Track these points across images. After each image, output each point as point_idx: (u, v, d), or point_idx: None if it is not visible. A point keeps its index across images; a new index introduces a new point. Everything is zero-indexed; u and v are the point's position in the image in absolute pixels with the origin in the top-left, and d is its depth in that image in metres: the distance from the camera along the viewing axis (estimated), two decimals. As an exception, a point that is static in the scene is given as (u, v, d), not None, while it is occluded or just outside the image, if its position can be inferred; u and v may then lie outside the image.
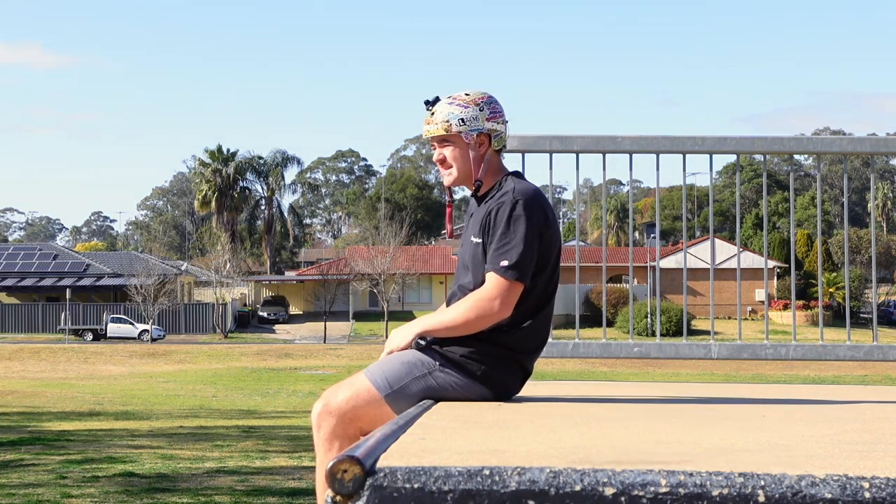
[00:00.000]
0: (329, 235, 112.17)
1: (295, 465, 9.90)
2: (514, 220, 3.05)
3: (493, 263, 3.05)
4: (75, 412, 19.46)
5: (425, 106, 3.22)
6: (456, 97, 3.20)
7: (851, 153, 4.96)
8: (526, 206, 3.06)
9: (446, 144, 3.20)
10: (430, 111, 3.21)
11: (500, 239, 3.05)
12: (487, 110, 3.19)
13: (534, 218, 3.06)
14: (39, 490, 7.91)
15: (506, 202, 3.08)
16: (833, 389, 4.57)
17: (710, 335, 4.82)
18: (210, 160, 77.07)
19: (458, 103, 3.18)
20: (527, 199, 3.08)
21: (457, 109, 3.17)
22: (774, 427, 2.48)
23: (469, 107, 3.17)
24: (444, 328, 3.07)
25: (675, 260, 56.09)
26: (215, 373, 35.66)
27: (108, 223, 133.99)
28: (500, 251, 3.04)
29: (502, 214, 3.06)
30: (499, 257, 3.04)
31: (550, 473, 1.62)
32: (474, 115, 3.17)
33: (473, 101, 3.19)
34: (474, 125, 3.17)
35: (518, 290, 3.04)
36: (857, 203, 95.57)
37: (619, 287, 56.44)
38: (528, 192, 3.11)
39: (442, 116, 3.17)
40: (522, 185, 3.15)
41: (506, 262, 3.02)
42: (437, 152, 3.24)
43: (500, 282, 3.03)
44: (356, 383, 3.00)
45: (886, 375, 32.97)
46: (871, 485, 1.59)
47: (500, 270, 3.02)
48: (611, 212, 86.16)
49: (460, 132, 3.16)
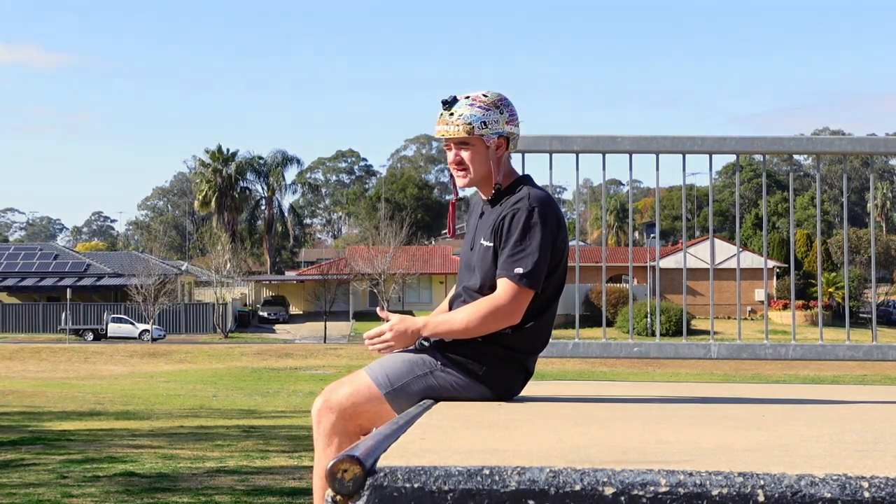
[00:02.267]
0: (329, 235, 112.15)
1: (295, 465, 9.91)
2: (530, 228, 3.03)
3: (507, 270, 3.03)
4: (76, 412, 19.46)
5: (442, 105, 3.15)
6: (476, 98, 3.14)
7: (851, 153, 4.96)
8: (542, 214, 3.05)
9: (465, 146, 3.15)
10: (448, 111, 3.14)
11: (515, 246, 3.03)
12: (507, 113, 3.16)
13: (549, 226, 3.05)
14: (40, 490, 7.91)
15: (522, 209, 3.05)
16: (833, 389, 4.57)
17: (709, 335, 4.82)
18: (210, 160, 77.07)
19: (479, 105, 3.12)
20: (542, 206, 3.06)
21: (478, 112, 3.11)
22: (774, 427, 2.48)
23: (490, 109, 3.12)
24: (453, 332, 3.04)
25: (675, 260, 56.07)
26: (215, 373, 35.66)
27: (109, 223, 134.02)
28: (515, 258, 3.02)
29: (518, 221, 3.04)
30: (513, 264, 3.02)
31: (550, 473, 1.63)
32: (495, 117, 3.13)
33: (493, 103, 3.14)
34: (495, 128, 3.13)
35: (529, 297, 3.04)
36: (857, 203, 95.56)
37: (618, 287, 56.44)
38: (543, 199, 3.10)
39: (463, 118, 3.11)
40: (536, 191, 3.13)
41: (521, 270, 3.01)
42: (452, 154, 3.18)
43: (514, 289, 3.02)
44: (357, 380, 3.02)
45: (886, 375, 32.96)
46: (871, 484, 1.59)
47: (516, 278, 3.01)
48: (611, 212, 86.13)
49: (482, 135, 3.12)
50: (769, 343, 4.77)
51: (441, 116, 3.16)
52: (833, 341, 4.83)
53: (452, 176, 3.29)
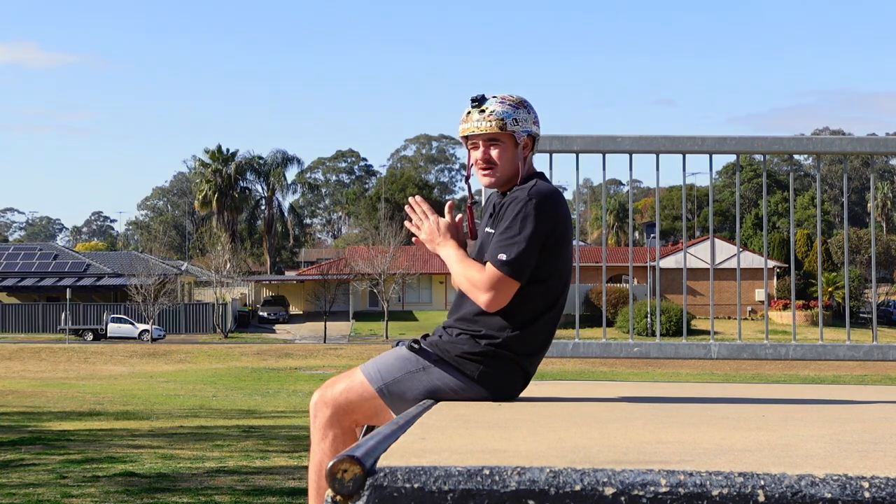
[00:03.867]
0: (329, 235, 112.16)
1: (295, 465, 9.91)
2: (522, 218, 3.03)
3: (492, 255, 3.04)
4: (75, 412, 19.46)
5: (471, 103, 3.16)
6: (505, 98, 3.17)
7: (851, 153, 4.96)
8: (538, 205, 3.04)
9: (494, 144, 3.16)
10: (478, 108, 3.15)
11: (505, 232, 3.04)
12: (533, 114, 3.21)
13: (543, 218, 3.04)
14: (40, 490, 7.91)
15: (519, 198, 3.06)
16: (833, 389, 4.57)
17: (709, 335, 4.82)
18: (210, 160, 77.12)
19: (509, 103, 3.15)
20: (541, 198, 3.05)
21: (510, 109, 3.14)
22: (774, 427, 2.48)
23: (519, 108, 3.16)
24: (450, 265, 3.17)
25: (675, 260, 56.09)
26: (215, 373, 35.66)
27: (109, 223, 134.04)
28: (502, 244, 3.03)
29: (513, 209, 3.05)
30: (499, 250, 3.03)
31: (550, 473, 1.62)
32: (524, 116, 3.16)
33: (521, 103, 3.18)
34: (525, 126, 3.16)
35: (512, 286, 3.02)
36: (857, 203, 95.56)
37: (618, 287, 56.44)
38: (545, 192, 3.08)
39: (496, 114, 3.12)
40: (542, 185, 3.13)
41: (504, 256, 3.01)
42: (479, 151, 3.17)
43: (494, 274, 3.02)
44: (351, 376, 3.09)
45: (886, 375, 32.97)
46: (871, 484, 1.59)
47: (497, 263, 3.02)
48: (611, 212, 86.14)
49: (514, 132, 3.14)
50: (769, 343, 4.77)
51: (469, 115, 3.17)
52: (833, 341, 4.83)
53: (469, 177, 3.30)
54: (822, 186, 5.16)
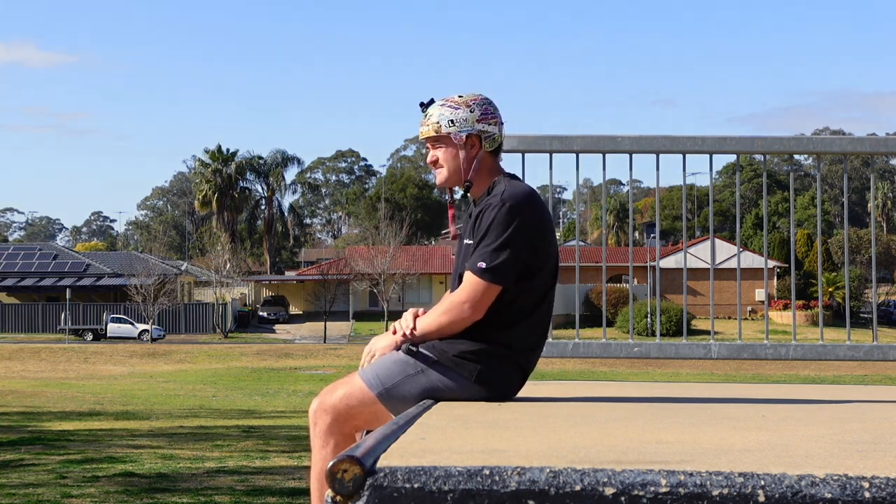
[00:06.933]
0: (329, 235, 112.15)
1: (295, 465, 9.90)
2: (498, 223, 3.06)
3: (472, 264, 3.08)
4: (75, 412, 19.46)
5: (420, 108, 3.29)
6: (449, 99, 3.26)
7: (851, 153, 4.96)
8: (512, 208, 3.07)
9: (438, 145, 3.26)
10: (424, 113, 3.27)
11: (484, 240, 3.08)
12: (478, 111, 3.23)
13: (520, 220, 3.07)
14: (39, 490, 7.90)
15: (493, 204, 3.10)
16: (833, 389, 4.57)
17: (710, 335, 4.81)
18: (210, 160, 77.09)
19: (449, 105, 3.24)
20: (515, 201, 3.08)
21: (447, 111, 3.22)
22: (774, 427, 2.48)
23: (460, 108, 3.22)
24: (428, 334, 3.10)
25: (675, 260, 56.09)
26: (215, 373, 35.66)
27: (108, 223, 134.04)
28: (481, 252, 3.07)
29: (488, 216, 3.09)
30: (478, 258, 3.07)
31: (550, 473, 1.62)
32: (464, 116, 3.21)
33: (465, 102, 3.24)
34: (464, 126, 3.21)
35: (493, 292, 3.05)
36: (857, 203, 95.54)
37: (619, 287, 56.44)
38: (518, 194, 3.12)
39: (433, 118, 3.23)
40: (514, 186, 3.16)
41: (483, 264, 3.05)
42: (430, 153, 3.30)
43: (474, 283, 3.06)
44: (350, 382, 3.07)
45: (886, 375, 32.97)
46: (871, 484, 1.59)
47: (478, 271, 3.05)
48: (611, 212, 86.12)
49: (449, 133, 3.22)
50: (769, 343, 4.76)
51: (421, 118, 3.29)
52: (833, 341, 4.83)
53: None
54: (822, 186, 5.16)
